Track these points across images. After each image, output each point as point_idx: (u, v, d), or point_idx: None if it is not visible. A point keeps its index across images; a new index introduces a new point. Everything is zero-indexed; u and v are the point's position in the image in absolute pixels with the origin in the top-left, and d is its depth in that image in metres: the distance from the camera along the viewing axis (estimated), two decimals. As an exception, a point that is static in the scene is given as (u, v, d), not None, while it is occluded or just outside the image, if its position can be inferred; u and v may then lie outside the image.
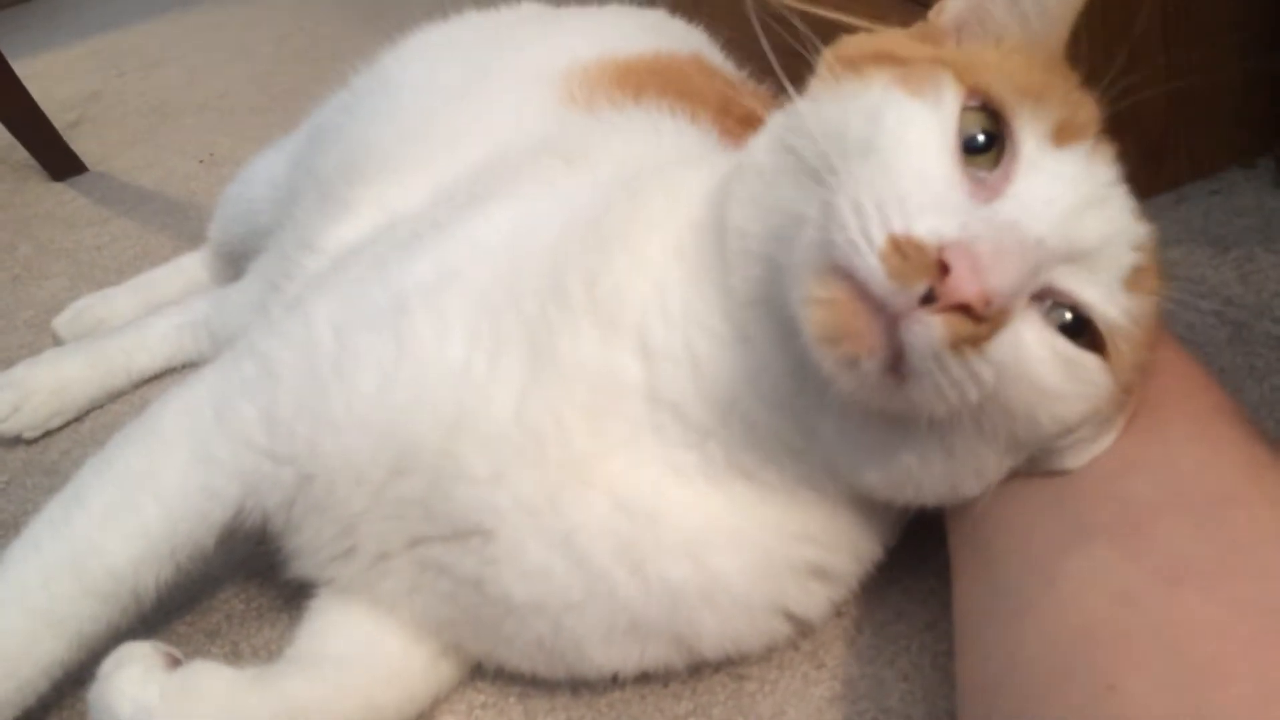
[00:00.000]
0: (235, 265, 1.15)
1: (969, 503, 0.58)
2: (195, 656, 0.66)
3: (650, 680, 0.68)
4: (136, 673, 0.63)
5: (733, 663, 0.67)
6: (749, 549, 0.61)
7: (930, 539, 0.65)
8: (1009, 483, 0.57)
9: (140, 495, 0.69)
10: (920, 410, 0.51)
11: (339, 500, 0.64)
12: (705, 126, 0.77)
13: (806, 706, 0.66)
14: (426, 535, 0.64)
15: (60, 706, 0.73)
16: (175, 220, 1.53)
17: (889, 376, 0.49)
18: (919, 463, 0.55)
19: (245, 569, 0.83)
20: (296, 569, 0.70)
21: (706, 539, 0.60)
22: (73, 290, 1.34)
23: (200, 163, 1.73)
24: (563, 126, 0.79)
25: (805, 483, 0.60)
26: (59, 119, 1.84)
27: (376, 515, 0.64)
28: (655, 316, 0.61)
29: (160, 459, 0.70)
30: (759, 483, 0.61)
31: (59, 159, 1.78)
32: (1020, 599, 0.54)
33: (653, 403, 0.60)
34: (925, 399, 0.50)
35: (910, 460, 0.56)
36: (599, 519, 0.60)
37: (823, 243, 0.50)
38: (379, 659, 0.67)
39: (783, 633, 0.65)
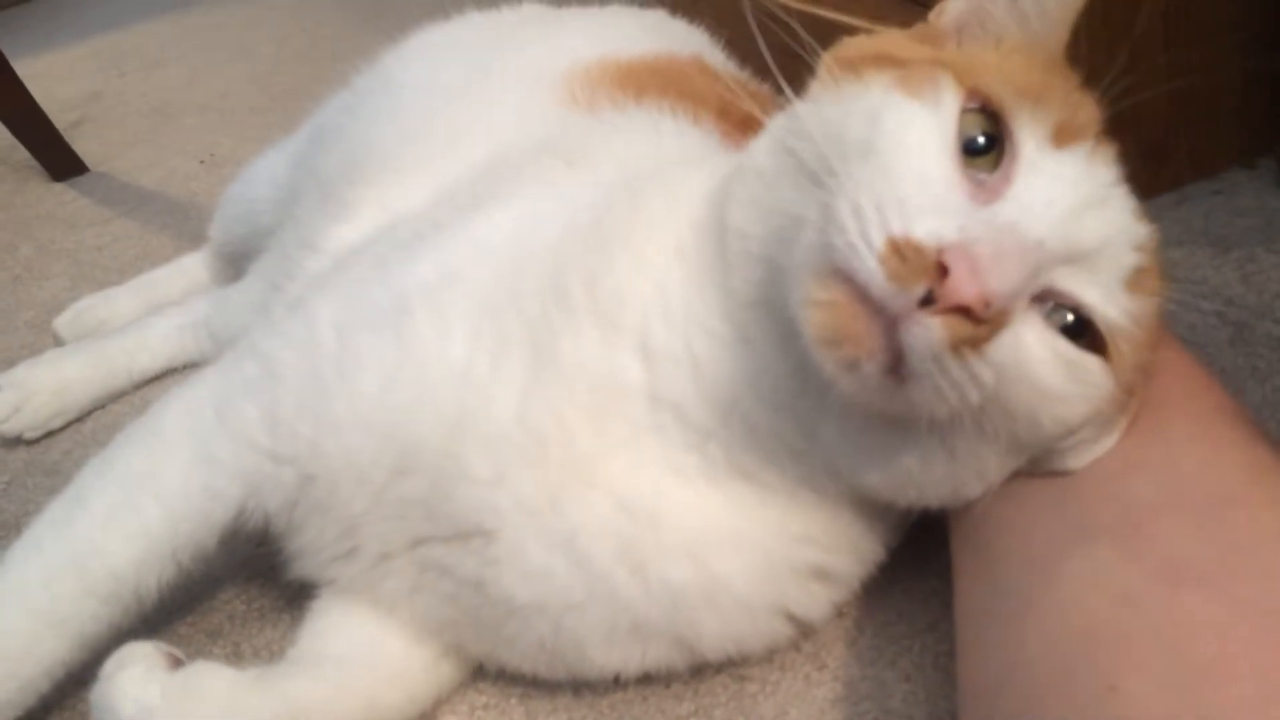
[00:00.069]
0: (236, 265, 1.15)
1: (971, 504, 0.58)
2: (197, 657, 0.66)
3: (652, 681, 0.68)
4: (138, 673, 0.63)
5: (734, 664, 0.67)
6: (750, 550, 0.61)
7: (932, 539, 0.65)
8: (1010, 483, 0.57)
9: (142, 496, 0.69)
10: (921, 412, 0.51)
11: (341, 501, 0.64)
12: (706, 127, 0.77)
13: (808, 707, 0.66)
14: (428, 536, 0.64)
15: (62, 707, 0.73)
16: (176, 220, 1.53)
17: (889, 378, 0.49)
18: (920, 464, 0.55)
19: (247, 569, 0.83)
20: (298, 570, 0.70)
21: (708, 540, 0.60)
22: (74, 291, 1.34)
23: (201, 163, 1.73)
24: (564, 127, 0.79)
25: (806, 484, 0.60)
26: (60, 119, 1.84)
27: (378, 516, 0.64)
28: (656, 317, 0.61)
29: (162, 459, 0.70)
30: (760, 484, 0.61)
31: (60, 159, 1.78)
32: (1021, 599, 0.54)
33: (654, 403, 0.61)
34: (926, 401, 0.50)
35: (911, 462, 0.56)
36: (600, 520, 0.60)
37: (822, 245, 0.50)
38: (380, 660, 0.67)
39: (784, 634, 0.65)
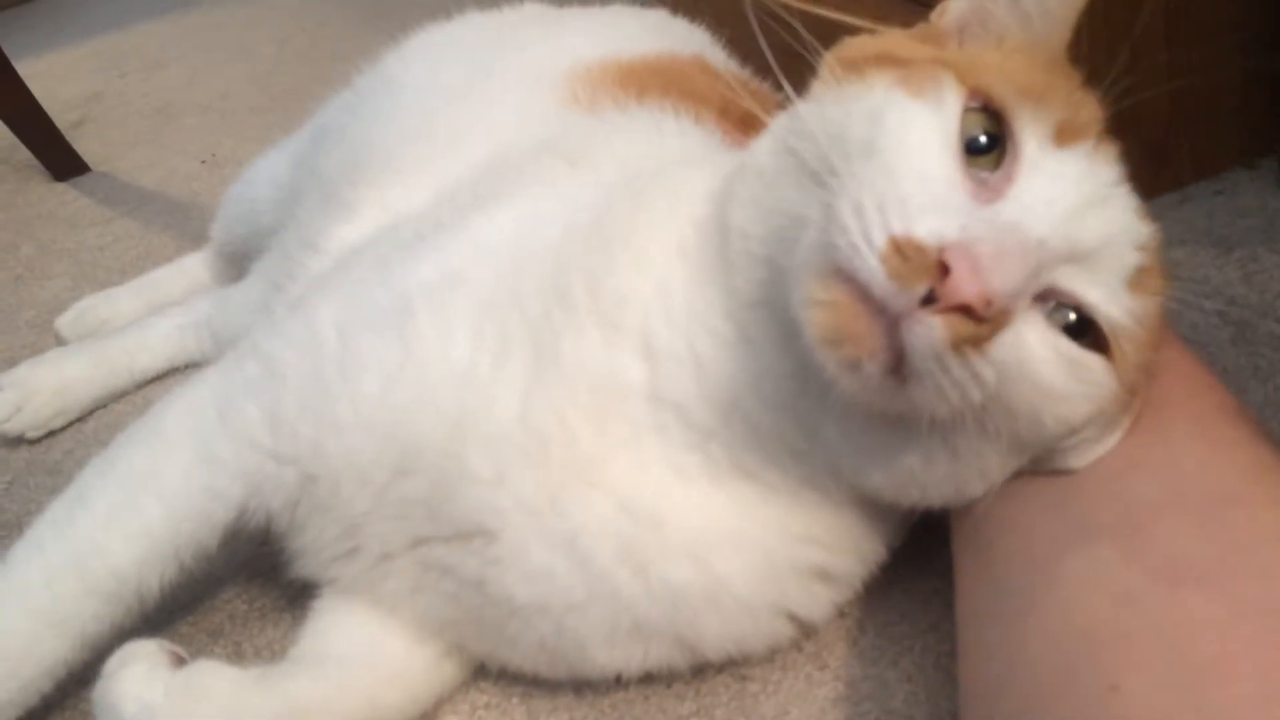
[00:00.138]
0: (238, 265, 1.15)
1: (973, 503, 0.58)
2: (198, 656, 0.66)
3: (653, 681, 0.68)
4: (141, 671, 0.63)
5: (736, 664, 0.67)
6: (752, 550, 0.61)
7: (933, 539, 0.65)
8: (1012, 482, 0.57)
9: (143, 495, 0.69)
10: (923, 411, 0.51)
11: (342, 501, 0.64)
12: (708, 127, 0.77)
13: (810, 707, 0.66)
14: (429, 536, 0.64)
15: (63, 706, 0.73)
16: (177, 220, 1.53)
17: (891, 378, 0.49)
18: (922, 464, 0.55)
19: (248, 569, 0.83)
20: (299, 569, 0.70)
21: (709, 540, 0.60)
22: (75, 290, 1.34)
23: (202, 163, 1.73)
24: (565, 127, 0.79)
25: (808, 484, 0.60)
26: (61, 119, 1.84)
27: (379, 516, 0.64)
28: (658, 317, 0.61)
29: (163, 459, 0.70)
30: (762, 484, 0.61)
31: (61, 159, 1.78)
32: (1022, 599, 0.54)
33: (655, 403, 0.61)
34: (927, 400, 0.50)
35: (913, 461, 0.55)
36: (602, 520, 0.60)
37: (824, 245, 0.50)
38: (382, 659, 0.67)
39: (786, 634, 0.65)
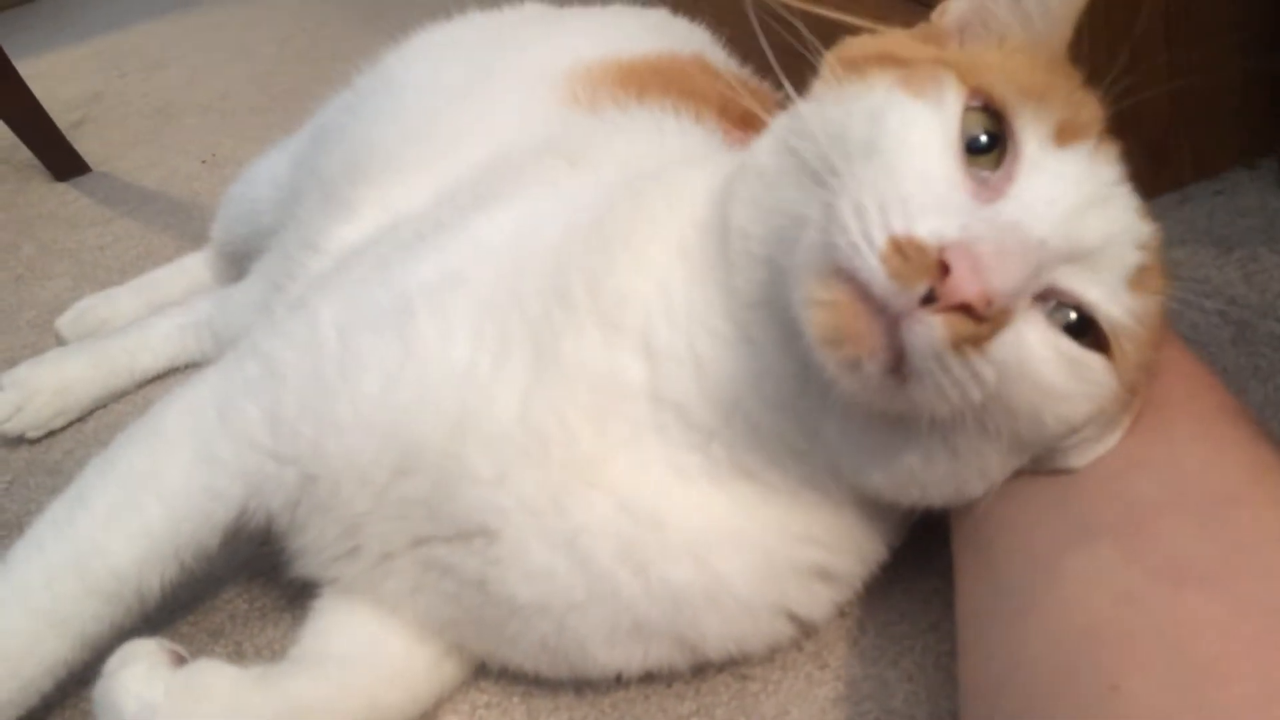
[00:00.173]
0: (238, 265, 1.15)
1: (973, 502, 0.58)
2: (199, 656, 0.66)
3: (654, 680, 0.68)
4: (141, 670, 0.63)
5: (736, 663, 0.67)
6: (752, 550, 0.61)
7: (933, 539, 0.65)
8: (1012, 482, 0.57)
9: (143, 495, 0.69)
10: (923, 411, 0.51)
11: (343, 500, 0.64)
12: (708, 126, 0.77)
13: (810, 707, 0.66)
14: (430, 535, 0.64)
15: (64, 705, 0.73)
16: (178, 220, 1.53)
17: (891, 377, 0.49)
18: (923, 463, 0.55)
19: (249, 569, 0.83)
20: (300, 569, 0.70)
21: (710, 540, 0.60)
22: (76, 290, 1.34)
23: (203, 163, 1.73)
24: (566, 127, 0.79)
25: (809, 484, 0.60)
26: (62, 119, 1.84)
27: (380, 515, 0.64)
28: (658, 317, 0.61)
29: (163, 459, 0.70)
30: (762, 484, 0.61)
31: (62, 159, 1.78)
32: (1023, 599, 0.54)
33: (656, 403, 0.61)
34: (927, 399, 0.50)
35: (914, 461, 0.55)
36: (602, 520, 0.60)
37: (824, 244, 0.50)
38: (383, 659, 0.67)
39: (786, 633, 0.65)
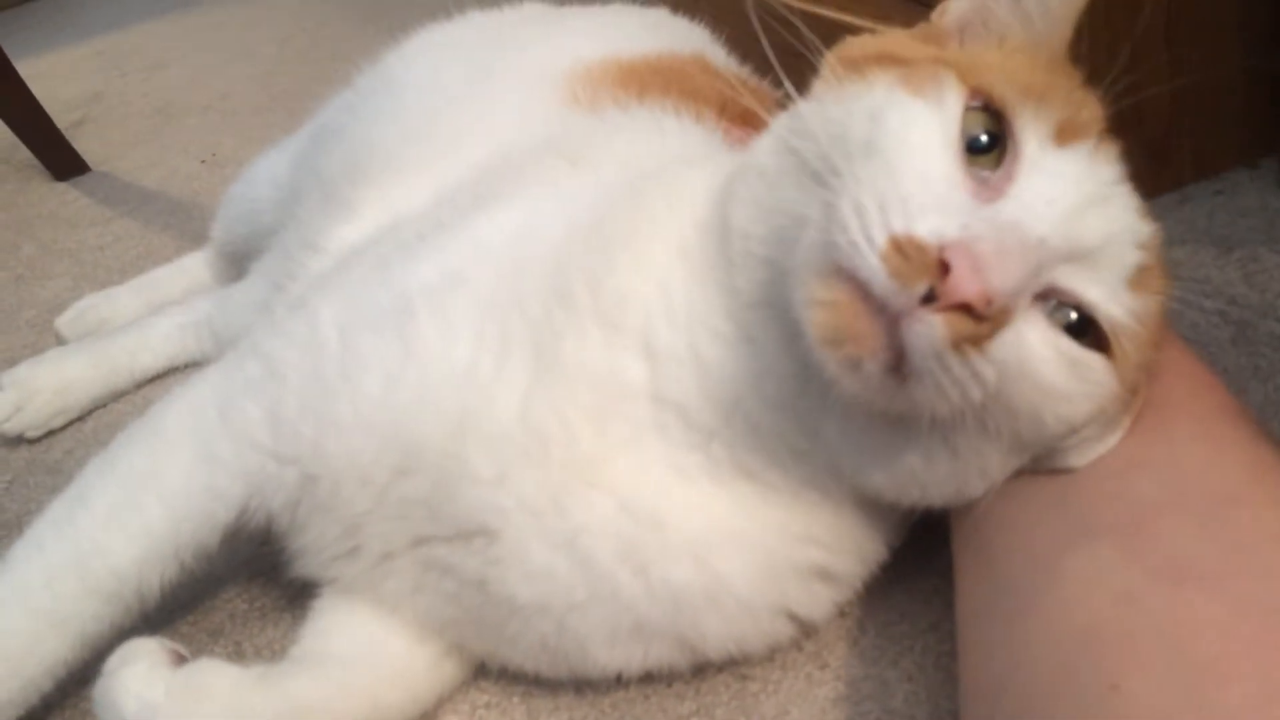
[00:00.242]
0: (238, 265, 1.15)
1: (973, 502, 0.58)
2: (199, 656, 0.66)
3: (654, 680, 0.68)
4: (142, 669, 0.63)
5: (736, 663, 0.67)
6: (752, 550, 0.61)
7: (933, 539, 0.65)
8: (1012, 481, 0.57)
9: (144, 495, 0.69)
10: (923, 410, 0.51)
11: (343, 500, 0.64)
12: (708, 126, 0.77)
13: (810, 707, 0.66)
14: (430, 535, 0.64)
15: (63, 706, 0.73)
16: (178, 220, 1.53)
17: (891, 377, 0.49)
18: (923, 463, 0.55)
19: (249, 568, 0.83)
20: (300, 568, 0.70)
21: (710, 540, 0.60)
22: (76, 290, 1.35)
23: (203, 163, 1.73)
24: (566, 127, 0.79)
25: (809, 484, 0.60)
26: (62, 119, 1.85)
27: (380, 515, 0.64)
28: (659, 317, 0.61)
29: (164, 459, 0.70)
30: (763, 484, 0.61)
31: (62, 159, 1.78)
32: (1023, 598, 0.54)
33: (657, 403, 0.60)
34: (928, 399, 0.50)
35: (914, 461, 0.55)
36: (603, 520, 0.60)
37: (825, 244, 0.50)
38: (383, 659, 0.67)
39: (786, 633, 0.65)
